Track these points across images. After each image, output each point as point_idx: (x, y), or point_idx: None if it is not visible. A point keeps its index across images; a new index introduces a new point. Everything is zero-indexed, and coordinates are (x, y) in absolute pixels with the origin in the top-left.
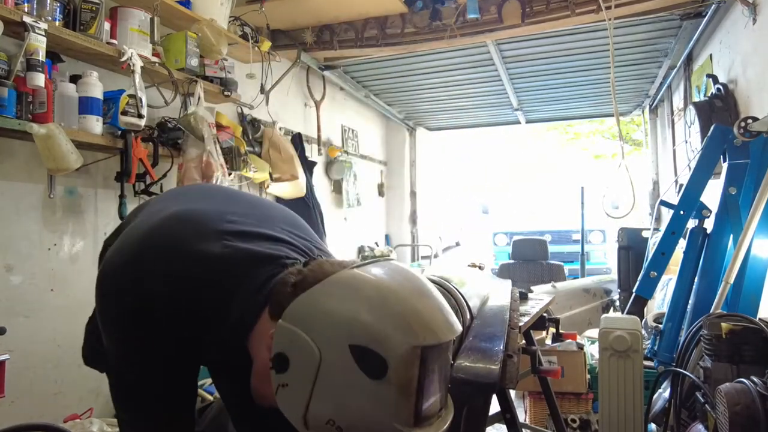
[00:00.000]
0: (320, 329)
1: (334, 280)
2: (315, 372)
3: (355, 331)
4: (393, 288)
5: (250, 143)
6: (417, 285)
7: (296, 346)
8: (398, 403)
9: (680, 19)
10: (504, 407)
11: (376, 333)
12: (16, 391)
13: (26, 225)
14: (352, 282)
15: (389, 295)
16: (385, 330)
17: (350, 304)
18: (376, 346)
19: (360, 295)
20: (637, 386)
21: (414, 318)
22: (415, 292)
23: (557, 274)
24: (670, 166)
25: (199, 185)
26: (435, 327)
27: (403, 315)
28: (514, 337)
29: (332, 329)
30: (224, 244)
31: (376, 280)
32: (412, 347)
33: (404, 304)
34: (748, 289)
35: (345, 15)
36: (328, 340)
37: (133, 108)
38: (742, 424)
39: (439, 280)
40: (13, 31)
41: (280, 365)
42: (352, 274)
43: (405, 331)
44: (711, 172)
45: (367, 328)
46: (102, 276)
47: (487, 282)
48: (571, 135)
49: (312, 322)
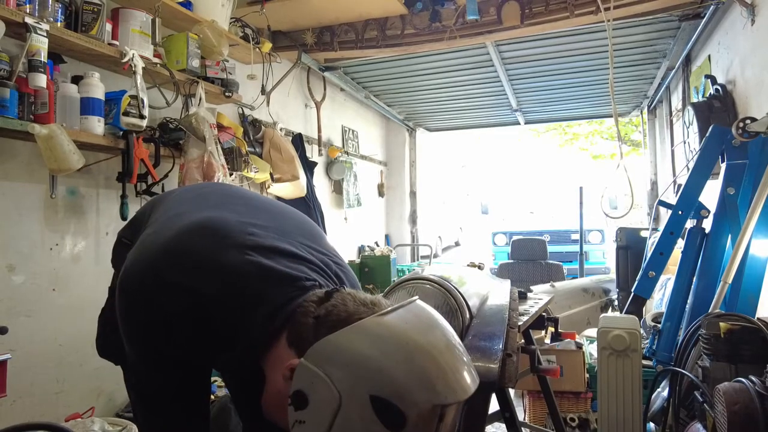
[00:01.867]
0: (343, 376)
1: (360, 327)
2: (333, 416)
3: (378, 384)
4: (419, 342)
5: (251, 144)
6: (442, 337)
7: (317, 387)
8: None
9: (679, 20)
10: (503, 406)
11: (399, 388)
12: (17, 390)
13: (28, 225)
14: (378, 331)
15: (415, 350)
16: (409, 386)
17: (376, 355)
18: (398, 400)
19: (386, 347)
20: (636, 385)
21: (438, 377)
22: (441, 347)
23: (556, 274)
24: (669, 167)
25: (216, 186)
26: (457, 387)
27: (427, 373)
28: (514, 336)
29: (355, 378)
30: (246, 260)
31: (403, 331)
32: (432, 405)
33: (429, 362)
34: (746, 289)
35: (345, 16)
36: (350, 388)
37: (135, 109)
38: (741, 423)
39: (439, 279)
40: (15, 32)
41: (298, 403)
42: (378, 322)
43: (428, 390)
44: (709, 173)
45: (392, 382)
46: (122, 282)
47: (487, 281)
48: (570, 135)
49: (335, 367)
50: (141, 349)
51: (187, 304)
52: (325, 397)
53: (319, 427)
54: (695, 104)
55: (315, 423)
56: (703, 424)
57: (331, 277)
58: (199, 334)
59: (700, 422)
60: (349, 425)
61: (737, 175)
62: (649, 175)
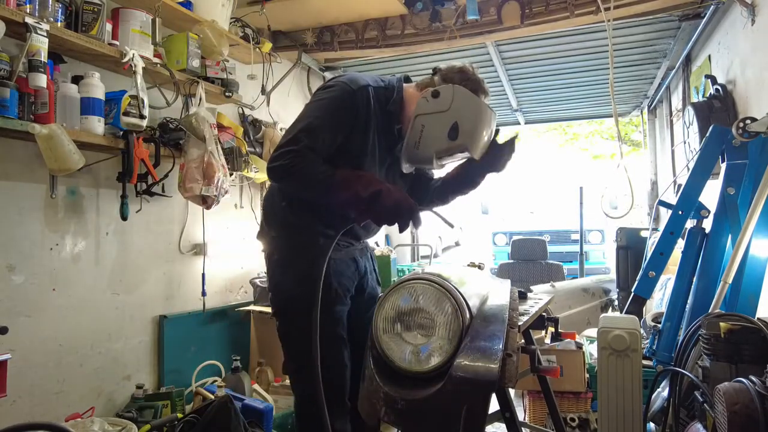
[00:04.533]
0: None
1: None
2: (452, 96)
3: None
4: (486, 109)
5: (251, 144)
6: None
7: (446, 92)
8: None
9: (679, 20)
10: (503, 406)
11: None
12: (17, 390)
13: (28, 225)
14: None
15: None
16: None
17: (468, 100)
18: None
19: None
20: (636, 385)
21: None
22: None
23: (556, 274)
24: (669, 167)
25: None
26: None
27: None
28: (514, 336)
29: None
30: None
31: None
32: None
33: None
34: (746, 289)
35: (345, 16)
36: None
37: (135, 108)
38: (741, 424)
39: (439, 279)
40: (15, 32)
41: (435, 94)
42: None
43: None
44: (709, 173)
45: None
46: (326, 86)
47: (487, 281)
48: (570, 135)
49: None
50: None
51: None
52: (446, 93)
53: (444, 100)
54: (695, 104)
55: (441, 100)
56: (703, 424)
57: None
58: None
59: (700, 422)
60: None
61: (737, 175)
62: (649, 175)
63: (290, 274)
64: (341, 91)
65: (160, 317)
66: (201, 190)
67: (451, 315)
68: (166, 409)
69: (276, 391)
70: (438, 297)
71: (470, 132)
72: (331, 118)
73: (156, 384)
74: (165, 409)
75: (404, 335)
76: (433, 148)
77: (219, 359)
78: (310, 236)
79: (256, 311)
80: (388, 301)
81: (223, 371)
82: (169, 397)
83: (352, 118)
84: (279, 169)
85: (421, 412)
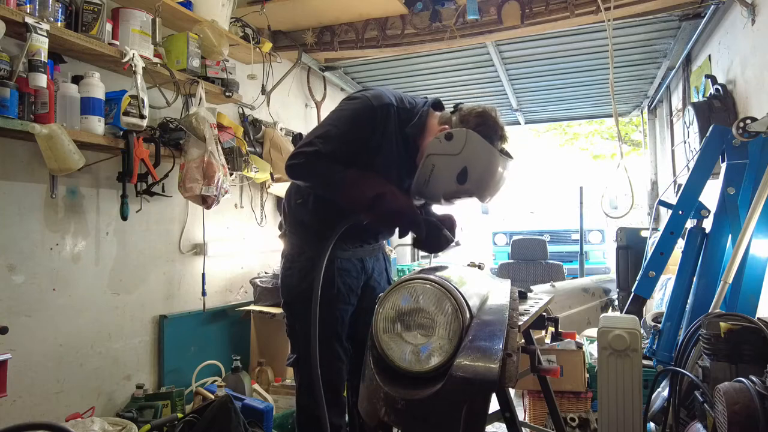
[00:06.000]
0: (468, 142)
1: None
2: (464, 141)
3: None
4: (495, 160)
5: (251, 144)
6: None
7: (459, 135)
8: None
9: (679, 20)
10: (503, 406)
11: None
12: (18, 390)
13: (28, 225)
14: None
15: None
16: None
17: (479, 149)
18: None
19: (483, 151)
20: (636, 385)
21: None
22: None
23: (556, 274)
24: (669, 167)
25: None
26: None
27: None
28: (514, 336)
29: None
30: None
31: (489, 149)
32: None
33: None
34: (746, 289)
35: (345, 16)
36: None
37: (135, 108)
38: (741, 423)
39: (439, 279)
40: (15, 32)
41: (449, 136)
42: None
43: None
44: (710, 173)
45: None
46: (351, 97)
47: (487, 281)
48: (570, 135)
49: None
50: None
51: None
52: (459, 137)
53: (457, 143)
54: (695, 104)
55: (453, 143)
56: (704, 424)
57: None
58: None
59: (700, 422)
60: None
61: (737, 175)
62: (649, 175)
63: (295, 270)
64: (362, 104)
65: (160, 317)
66: (201, 189)
67: (451, 315)
68: (166, 409)
69: (276, 391)
70: (438, 297)
71: (479, 179)
72: (347, 129)
73: (156, 384)
74: (165, 408)
75: (404, 335)
76: (441, 189)
77: (219, 359)
78: (317, 235)
79: (256, 311)
80: (388, 301)
81: (223, 371)
82: (169, 397)
83: (369, 133)
84: (294, 166)
85: (421, 412)
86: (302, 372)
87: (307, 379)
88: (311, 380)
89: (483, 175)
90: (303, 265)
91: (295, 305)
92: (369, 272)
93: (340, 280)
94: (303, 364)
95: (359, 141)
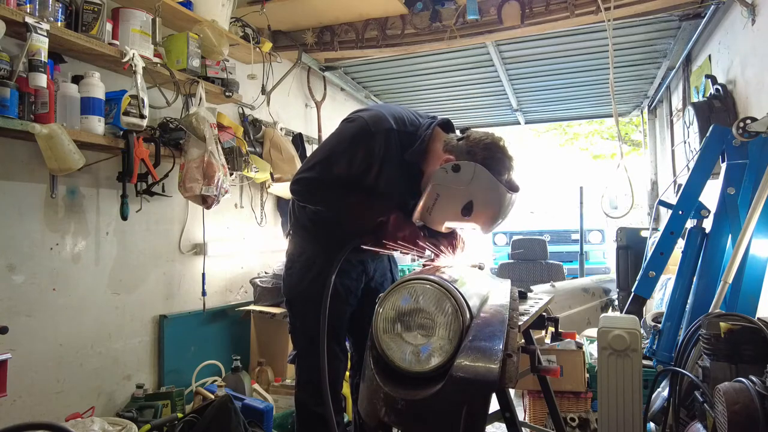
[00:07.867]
0: (476, 175)
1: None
2: (472, 175)
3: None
4: (501, 190)
5: (251, 143)
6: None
7: (466, 168)
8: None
9: (679, 20)
10: (503, 406)
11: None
12: (18, 390)
13: (28, 225)
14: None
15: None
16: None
17: (487, 181)
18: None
19: (490, 183)
20: (636, 385)
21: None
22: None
23: (556, 274)
24: (669, 167)
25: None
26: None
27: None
28: (514, 336)
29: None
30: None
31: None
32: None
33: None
34: (746, 289)
35: (345, 16)
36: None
37: (135, 108)
38: (741, 423)
39: (439, 279)
40: (16, 32)
41: (456, 168)
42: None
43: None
44: (710, 173)
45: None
46: (349, 119)
47: (487, 281)
48: (570, 135)
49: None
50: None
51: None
52: (467, 171)
53: (464, 177)
54: (695, 104)
55: (460, 176)
56: (704, 424)
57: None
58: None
59: (700, 422)
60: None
61: (737, 175)
62: (649, 175)
63: (295, 269)
64: (359, 129)
65: (160, 317)
66: (201, 189)
67: (451, 315)
68: (166, 409)
69: (276, 391)
70: (438, 297)
71: (483, 213)
72: (345, 153)
73: (156, 384)
74: (165, 408)
75: (404, 335)
76: (445, 218)
77: (219, 359)
78: (317, 238)
79: (256, 311)
80: (388, 301)
81: (223, 371)
82: (169, 397)
83: (369, 157)
84: (297, 193)
85: (421, 412)
86: (301, 368)
87: (305, 376)
88: (310, 379)
89: (488, 209)
90: (303, 264)
91: (295, 303)
92: (370, 274)
93: (339, 282)
94: (301, 361)
95: (357, 163)
